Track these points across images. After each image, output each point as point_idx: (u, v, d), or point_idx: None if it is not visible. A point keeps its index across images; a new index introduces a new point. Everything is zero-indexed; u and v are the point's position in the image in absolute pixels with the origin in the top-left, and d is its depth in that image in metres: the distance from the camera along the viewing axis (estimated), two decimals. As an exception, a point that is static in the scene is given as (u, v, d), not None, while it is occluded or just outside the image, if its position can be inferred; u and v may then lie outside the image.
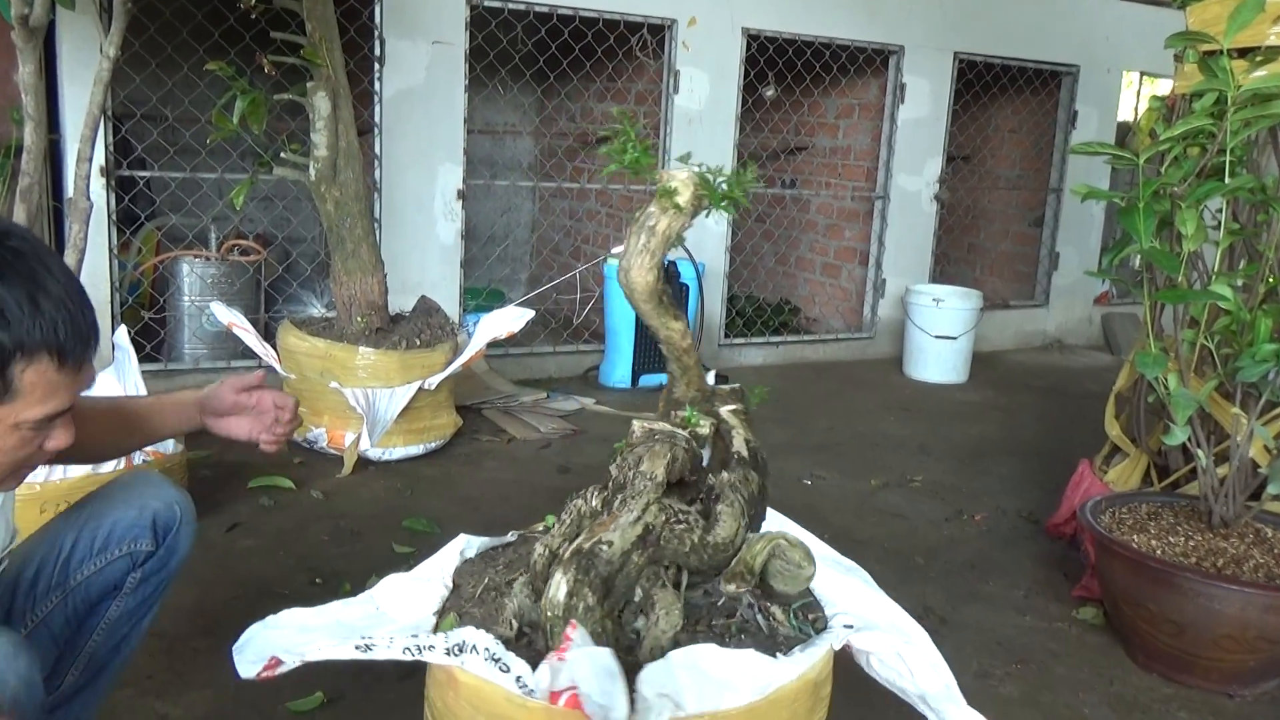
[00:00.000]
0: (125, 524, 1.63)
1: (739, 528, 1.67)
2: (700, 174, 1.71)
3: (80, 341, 1.29)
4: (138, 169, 4.62)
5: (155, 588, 1.68)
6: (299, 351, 3.68)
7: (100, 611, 1.65)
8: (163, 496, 1.67)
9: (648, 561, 1.55)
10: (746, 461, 1.84)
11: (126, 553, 1.63)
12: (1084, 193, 2.62)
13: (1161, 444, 2.93)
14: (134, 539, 1.63)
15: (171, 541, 1.66)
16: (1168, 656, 2.45)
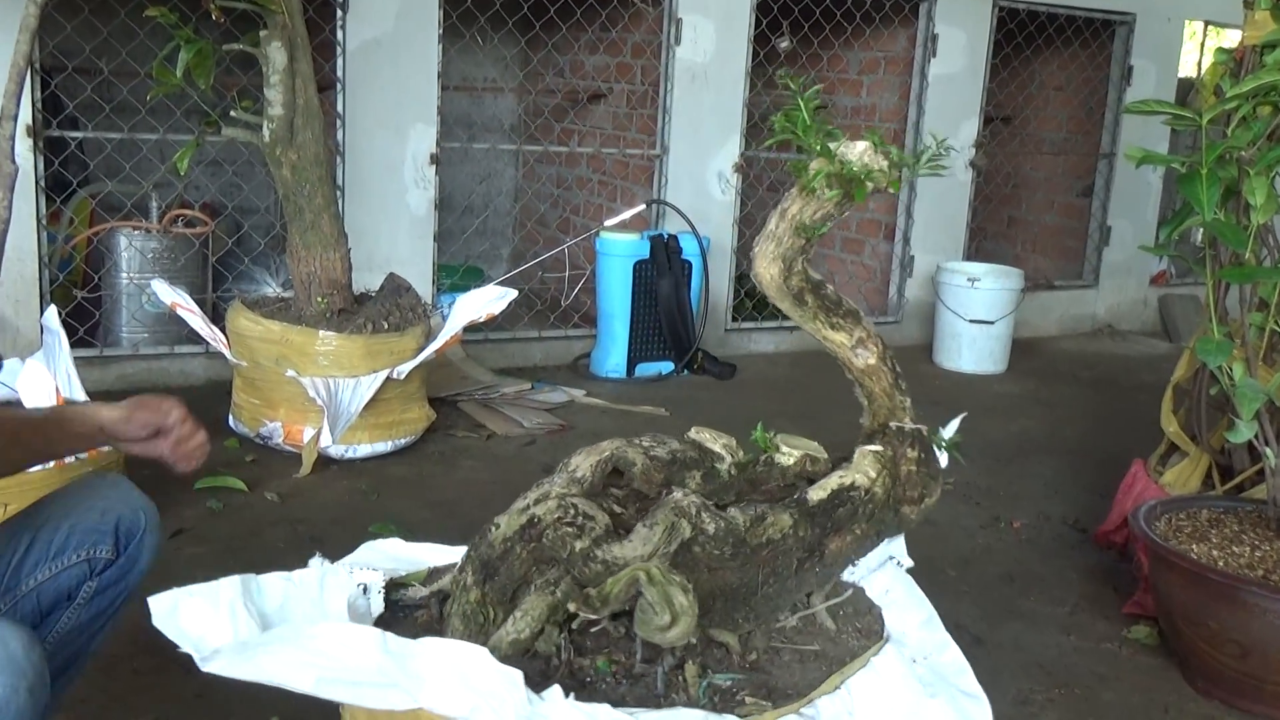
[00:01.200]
0: (85, 528, 1.64)
1: (652, 554, 1.53)
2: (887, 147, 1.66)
3: None
4: (69, 129, 4.60)
5: (111, 601, 1.70)
6: (251, 336, 3.68)
7: (51, 622, 1.66)
8: (128, 501, 1.69)
9: (532, 557, 1.56)
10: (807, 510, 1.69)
11: (84, 559, 1.64)
12: (1139, 157, 2.61)
13: (1225, 442, 2.94)
14: (94, 545, 1.64)
15: (134, 550, 1.68)
16: (1231, 681, 2.45)
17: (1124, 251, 6.71)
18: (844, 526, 1.73)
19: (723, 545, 1.59)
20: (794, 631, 1.70)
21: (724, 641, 1.60)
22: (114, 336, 4.59)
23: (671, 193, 5.32)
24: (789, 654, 1.64)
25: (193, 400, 4.57)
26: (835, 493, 1.73)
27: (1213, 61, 2.87)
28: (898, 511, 1.82)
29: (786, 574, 1.67)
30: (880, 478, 1.78)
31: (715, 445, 1.82)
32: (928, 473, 1.86)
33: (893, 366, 1.89)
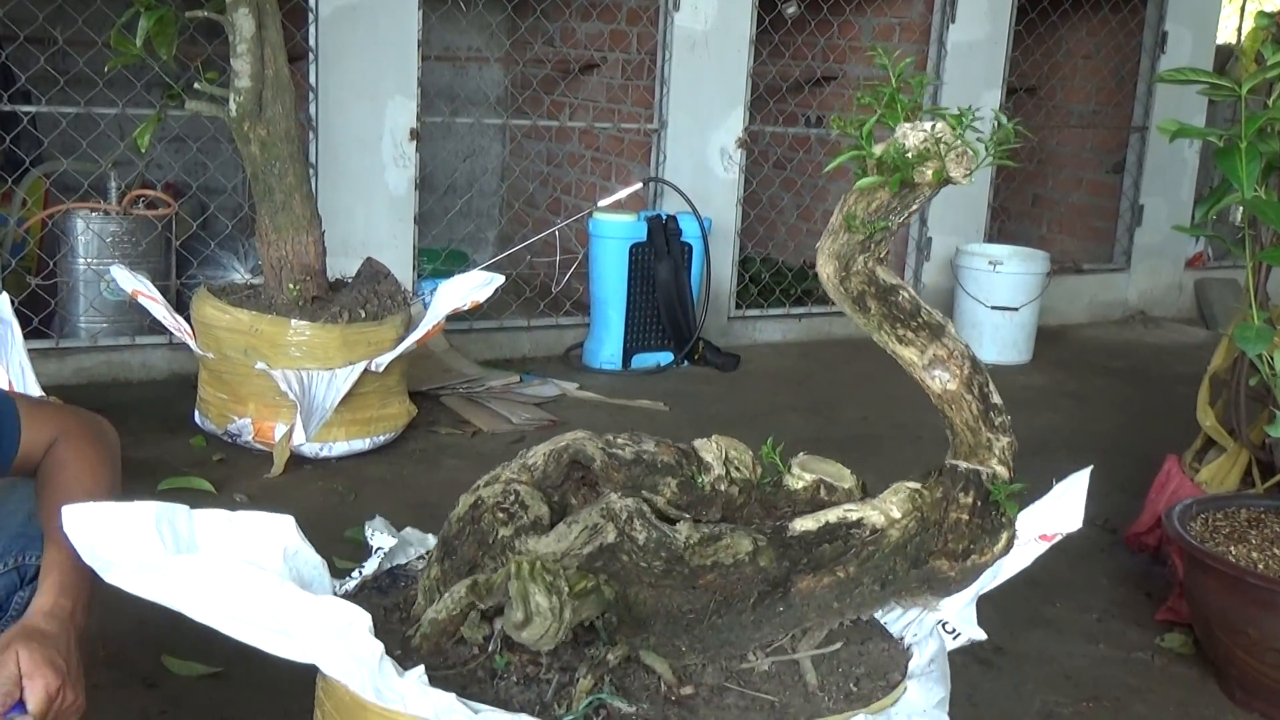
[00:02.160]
0: (10, 534, 1.62)
1: (565, 552, 1.54)
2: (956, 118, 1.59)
3: None
4: (20, 103, 4.59)
5: None
6: (218, 325, 3.67)
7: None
8: None
9: (475, 539, 1.62)
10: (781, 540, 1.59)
11: (13, 567, 1.62)
12: (1174, 130, 2.61)
13: (1265, 436, 2.94)
14: (22, 550, 1.62)
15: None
16: (1272, 692, 2.46)
17: (1157, 232, 6.71)
18: (824, 565, 1.61)
19: (653, 558, 1.54)
20: (763, 676, 1.60)
21: (653, 666, 1.55)
22: (71, 326, 4.59)
23: (670, 170, 5.32)
24: (735, 697, 1.55)
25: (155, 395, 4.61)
26: (829, 527, 1.61)
27: (1253, 26, 2.87)
28: (923, 564, 1.68)
29: (741, 606, 1.58)
30: (906, 520, 1.66)
31: (707, 454, 1.72)
32: (981, 525, 1.72)
33: (983, 394, 1.73)
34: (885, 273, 1.68)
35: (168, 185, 5.24)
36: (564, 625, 1.46)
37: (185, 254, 4.85)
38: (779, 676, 1.61)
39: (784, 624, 1.63)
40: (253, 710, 2.26)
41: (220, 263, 4.99)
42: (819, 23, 6.50)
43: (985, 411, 1.74)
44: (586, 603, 1.50)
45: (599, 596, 1.52)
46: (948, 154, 1.56)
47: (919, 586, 1.71)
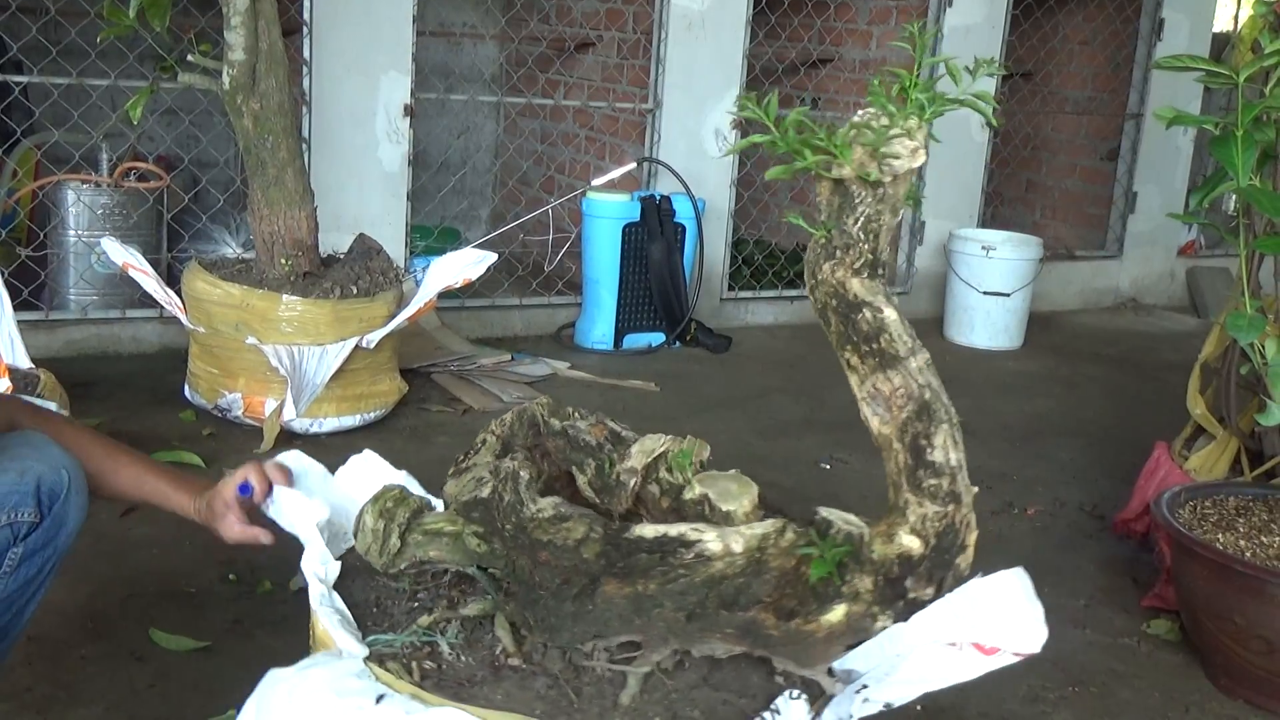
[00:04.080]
0: (3, 490, 1.63)
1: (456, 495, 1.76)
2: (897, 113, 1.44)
3: None
4: (12, 73, 4.56)
5: (39, 568, 1.68)
6: (209, 299, 3.66)
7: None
8: (48, 459, 1.67)
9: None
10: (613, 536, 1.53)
11: (6, 523, 1.63)
12: (1170, 117, 2.61)
13: (1255, 424, 2.94)
14: (14, 507, 1.63)
15: (59, 511, 1.66)
16: (1256, 679, 2.47)
17: (1151, 220, 6.72)
18: (632, 574, 1.50)
19: (506, 520, 1.60)
20: (590, 675, 1.53)
21: (498, 629, 1.59)
22: (61, 299, 4.57)
23: (664, 150, 5.31)
24: (542, 684, 1.51)
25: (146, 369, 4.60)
26: (663, 539, 1.49)
27: (1251, 14, 2.87)
28: (743, 610, 1.50)
29: (566, 594, 1.54)
30: (742, 557, 1.48)
31: (635, 447, 1.71)
32: (816, 590, 1.50)
33: (916, 447, 1.49)
34: (861, 286, 1.49)
35: (160, 158, 5.21)
36: (386, 548, 1.65)
37: (177, 227, 4.83)
38: (602, 681, 1.52)
39: (591, 624, 1.53)
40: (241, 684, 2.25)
41: (212, 237, 4.97)
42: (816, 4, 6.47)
43: (914, 468, 1.51)
44: (435, 542, 1.65)
45: (457, 543, 1.63)
46: (876, 147, 1.42)
47: (736, 634, 1.51)
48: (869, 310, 1.49)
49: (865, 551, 1.49)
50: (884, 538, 1.50)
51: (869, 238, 1.47)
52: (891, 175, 1.42)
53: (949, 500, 1.51)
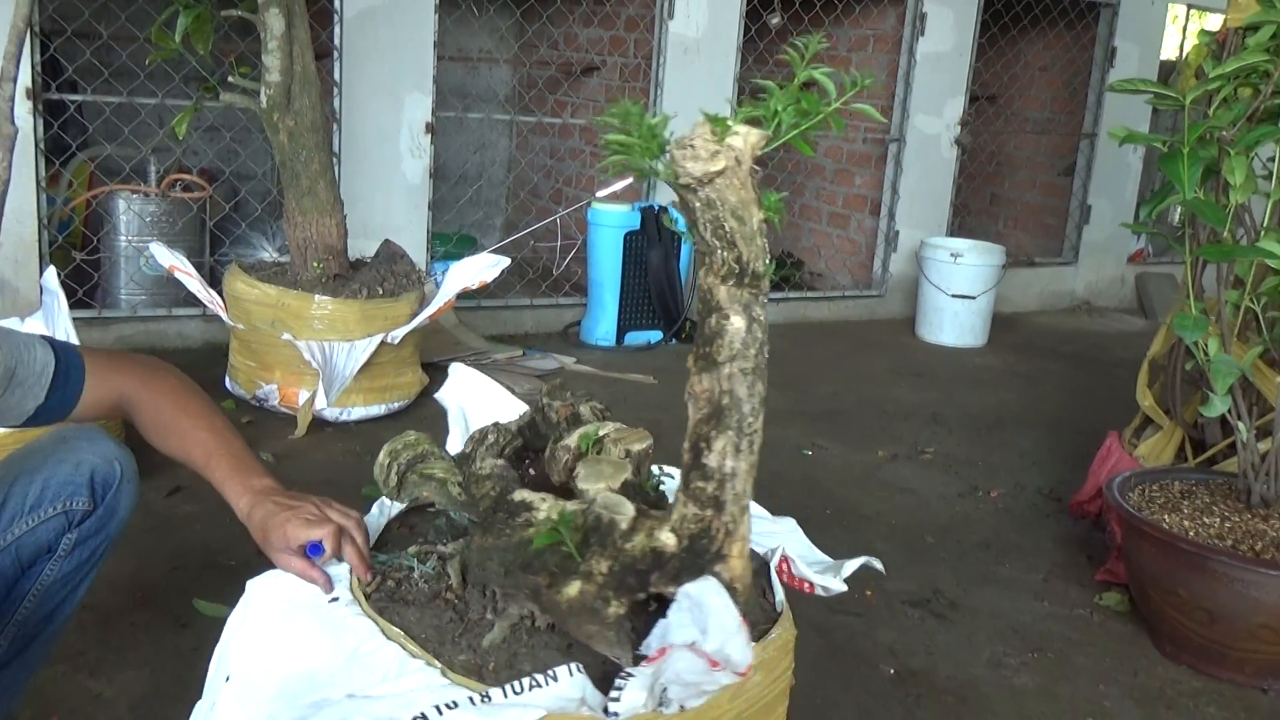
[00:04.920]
0: (60, 480, 1.61)
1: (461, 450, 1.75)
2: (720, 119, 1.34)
3: None
4: (68, 92, 4.55)
5: (92, 551, 1.66)
6: (248, 299, 3.66)
7: (32, 575, 1.63)
8: (101, 452, 1.64)
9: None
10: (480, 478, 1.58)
11: (61, 511, 1.61)
12: (1122, 135, 2.61)
13: (1198, 416, 2.94)
14: (69, 497, 1.61)
15: (111, 500, 1.64)
16: (1198, 647, 2.47)
17: (1103, 230, 6.72)
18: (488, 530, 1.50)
19: (466, 473, 1.65)
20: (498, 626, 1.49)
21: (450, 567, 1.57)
22: (112, 298, 4.57)
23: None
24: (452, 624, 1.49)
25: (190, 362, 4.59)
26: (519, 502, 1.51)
27: (1196, 43, 2.86)
28: (534, 572, 1.44)
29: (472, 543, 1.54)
30: (544, 525, 1.46)
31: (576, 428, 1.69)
32: (561, 565, 1.44)
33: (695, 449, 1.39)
34: (725, 294, 1.38)
35: (203, 170, 5.21)
36: (388, 481, 1.70)
37: (218, 233, 4.83)
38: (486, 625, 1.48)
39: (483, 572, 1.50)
40: (276, 649, 2.26)
41: (250, 242, 4.97)
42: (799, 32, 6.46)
43: (689, 469, 1.40)
44: (427, 484, 1.65)
45: (443, 488, 1.63)
46: (678, 150, 1.31)
47: (529, 595, 1.44)
48: (718, 316, 1.39)
49: (614, 537, 1.42)
50: (648, 530, 1.41)
51: (724, 244, 1.35)
52: (688, 178, 1.31)
53: (710, 505, 1.39)
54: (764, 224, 1.37)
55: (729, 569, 1.39)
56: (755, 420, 1.39)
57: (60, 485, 1.61)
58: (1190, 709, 2.36)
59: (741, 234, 1.35)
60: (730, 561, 1.39)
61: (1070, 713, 2.31)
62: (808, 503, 3.25)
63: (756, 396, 1.39)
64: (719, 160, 1.30)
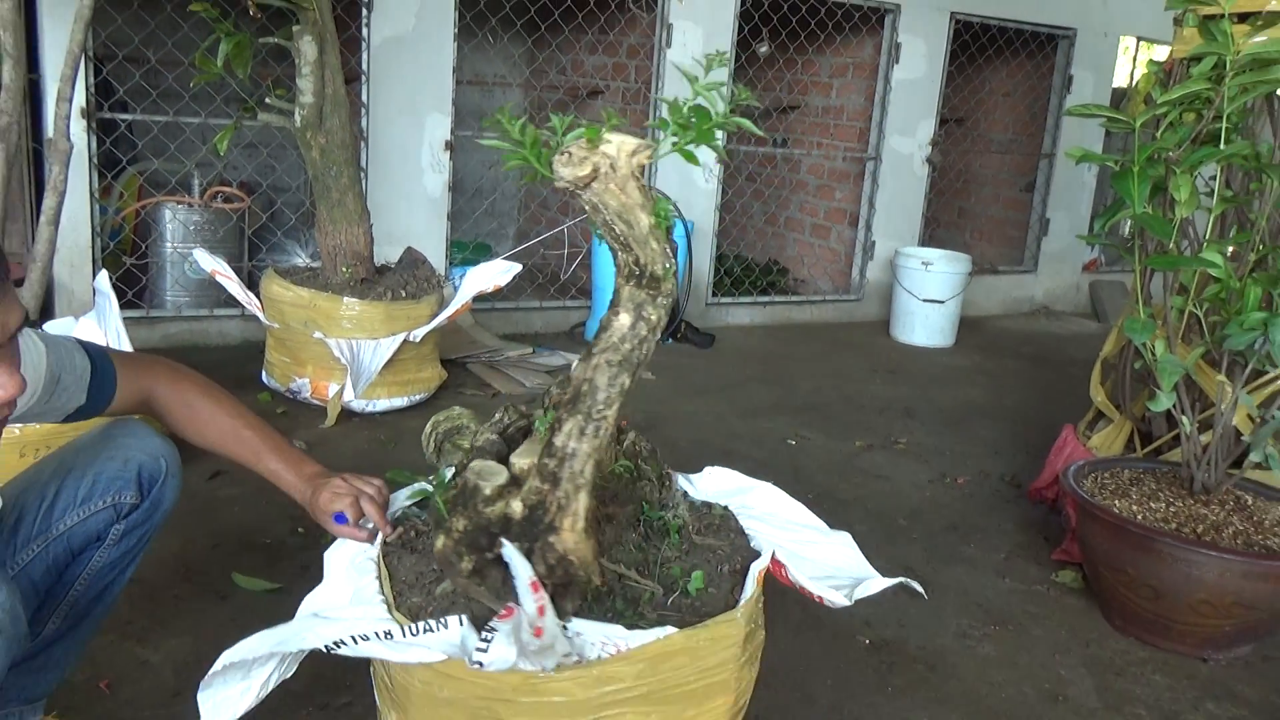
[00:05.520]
0: (109, 475, 1.60)
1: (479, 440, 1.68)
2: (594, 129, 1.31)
3: None
4: (119, 112, 4.55)
5: (139, 539, 1.66)
6: (283, 301, 3.65)
7: (83, 561, 1.63)
8: (148, 448, 1.63)
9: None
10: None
11: (110, 504, 1.60)
12: (1079, 155, 2.60)
13: (1146, 410, 2.95)
14: (118, 491, 1.60)
15: (156, 494, 1.64)
16: (1145, 620, 2.48)
17: (1060, 241, 6.71)
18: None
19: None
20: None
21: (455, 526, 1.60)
22: (159, 299, 4.56)
23: (661, 180, 5.29)
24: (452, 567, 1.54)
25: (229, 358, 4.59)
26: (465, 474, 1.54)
27: (1145, 72, 2.85)
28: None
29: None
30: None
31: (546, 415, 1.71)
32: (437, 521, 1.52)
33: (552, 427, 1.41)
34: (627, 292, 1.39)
35: (242, 183, 5.20)
36: (427, 449, 1.78)
37: (256, 241, 4.82)
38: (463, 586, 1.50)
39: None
40: (307, 619, 2.26)
41: (285, 249, 4.96)
42: (785, 60, 6.47)
43: (545, 446, 1.43)
44: (455, 455, 1.71)
45: (461, 452, 1.67)
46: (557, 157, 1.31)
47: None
48: (611, 311, 1.41)
49: (476, 501, 1.44)
50: (507, 498, 1.43)
51: (620, 246, 1.35)
52: (564, 182, 1.31)
53: (549, 480, 1.41)
54: (662, 230, 1.36)
55: (561, 541, 1.39)
56: (607, 409, 1.39)
57: (109, 480, 1.60)
58: (1137, 676, 2.37)
59: (633, 237, 1.34)
60: (562, 534, 1.39)
61: (1029, 680, 2.31)
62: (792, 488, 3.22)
63: (615, 387, 1.39)
64: (587, 165, 1.29)
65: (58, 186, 2.96)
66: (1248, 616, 2.37)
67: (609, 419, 1.39)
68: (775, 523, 1.77)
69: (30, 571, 1.59)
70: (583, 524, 1.40)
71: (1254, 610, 2.36)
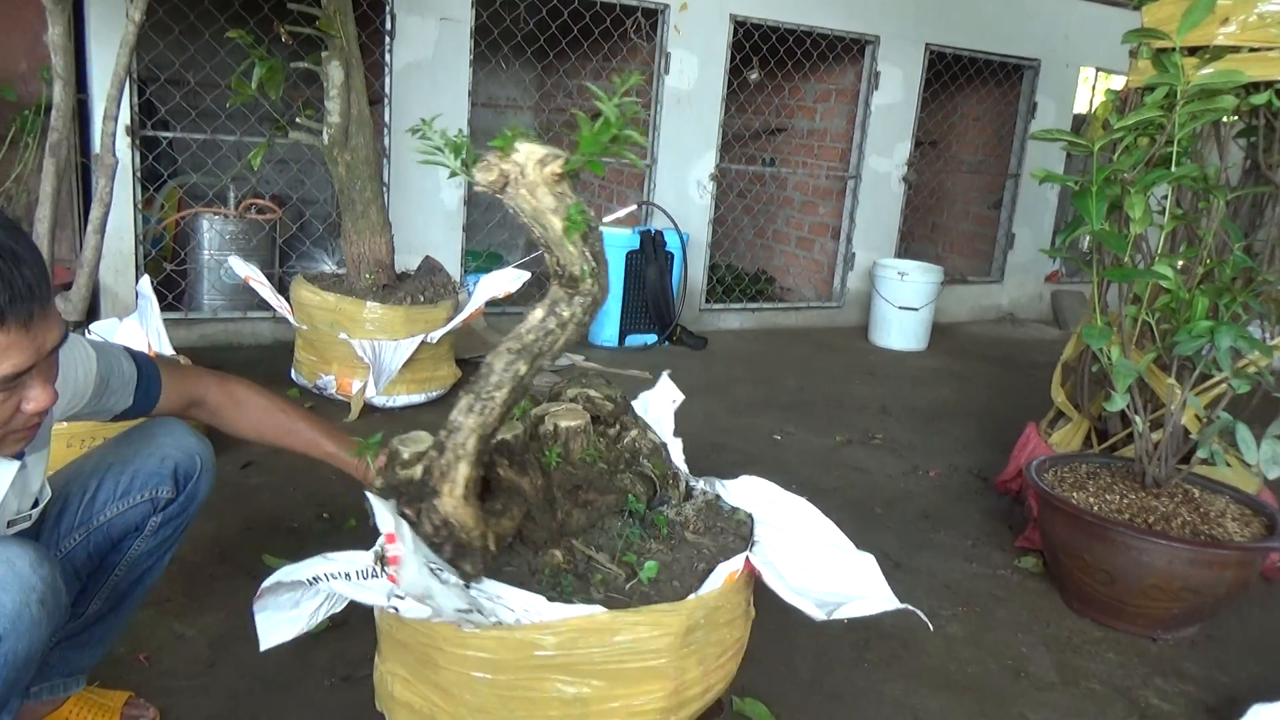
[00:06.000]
0: (147, 472, 1.60)
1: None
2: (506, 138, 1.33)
3: (17, 298, 1.15)
4: (161, 130, 4.55)
5: (175, 529, 1.66)
6: (311, 304, 3.65)
7: (122, 549, 1.63)
8: (184, 446, 1.64)
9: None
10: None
11: (148, 498, 1.60)
12: (1042, 176, 2.61)
13: (1102, 410, 2.95)
14: (155, 486, 1.60)
15: (191, 489, 1.64)
16: (1100, 603, 2.48)
17: (1025, 254, 6.72)
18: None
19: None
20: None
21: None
22: (197, 303, 4.56)
23: (659, 196, 5.30)
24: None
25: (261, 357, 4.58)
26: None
27: (1103, 100, 2.86)
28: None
29: None
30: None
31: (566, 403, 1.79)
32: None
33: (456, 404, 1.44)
34: (553, 290, 1.41)
35: (274, 196, 5.20)
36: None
37: (286, 249, 4.82)
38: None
39: None
40: (331, 597, 2.26)
41: (313, 257, 4.96)
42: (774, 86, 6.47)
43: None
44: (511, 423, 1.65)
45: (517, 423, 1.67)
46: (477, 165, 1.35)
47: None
48: (533, 305, 1.44)
49: (395, 464, 1.49)
50: (417, 463, 1.47)
51: (544, 246, 1.37)
52: (479, 186, 1.34)
53: (437, 447, 1.45)
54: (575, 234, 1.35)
55: (442, 504, 1.41)
56: (496, 391, 1.40)
57: (147, 476, 1.60)
58: (1092, 654, 2.37)
59: (550, 239, 1.34)
60: (442, 499, 1.40)
61: (993, 657, 2.31)
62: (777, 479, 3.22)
63: (509, 373, 1.40)
64: (495, 172, 1.31)
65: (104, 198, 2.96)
66: (1194, 600, 2.38)
67: (497, 400, 1.40)
68: (793, 534, 1.71)
69: (73, 558, 1.59)
70: (461, 491, 1.41)
71: (1199, 594, 2.36)
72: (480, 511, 1.43)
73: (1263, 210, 2.72)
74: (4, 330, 1.15)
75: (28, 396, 1.23)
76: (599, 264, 1.37)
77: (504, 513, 1.49)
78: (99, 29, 3.89)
